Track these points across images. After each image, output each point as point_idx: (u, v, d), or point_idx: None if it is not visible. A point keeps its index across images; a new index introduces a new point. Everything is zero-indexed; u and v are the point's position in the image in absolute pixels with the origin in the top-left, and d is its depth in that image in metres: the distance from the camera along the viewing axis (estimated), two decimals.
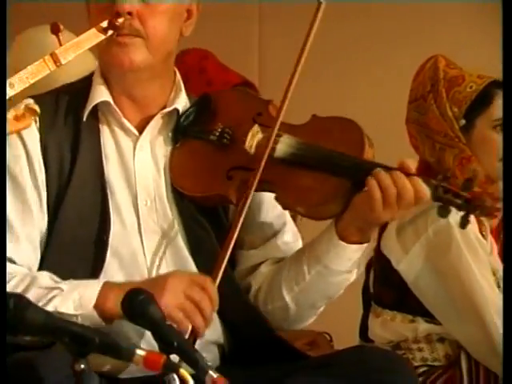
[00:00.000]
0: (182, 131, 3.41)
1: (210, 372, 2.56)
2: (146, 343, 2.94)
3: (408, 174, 3.13)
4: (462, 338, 3.91)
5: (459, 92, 3.97)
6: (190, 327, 3.13)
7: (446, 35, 6.61)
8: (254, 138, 3.35)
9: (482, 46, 6.29)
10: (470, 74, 4.01)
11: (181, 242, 3.35)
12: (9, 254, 3.26)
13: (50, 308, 3.04)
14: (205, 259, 3.33)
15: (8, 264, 3.24)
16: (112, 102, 3.33)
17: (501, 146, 3.88)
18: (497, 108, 3.94)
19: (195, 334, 3.12)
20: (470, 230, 3.52)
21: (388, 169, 3.15)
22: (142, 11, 3.24)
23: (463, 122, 3.92)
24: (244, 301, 3.40)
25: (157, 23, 3.29)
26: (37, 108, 2.93)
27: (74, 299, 3.16)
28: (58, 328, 2.52)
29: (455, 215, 3.20)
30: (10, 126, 2.86)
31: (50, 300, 3.12)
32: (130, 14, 3.20)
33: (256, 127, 3.34)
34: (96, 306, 3.12)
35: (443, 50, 4.77)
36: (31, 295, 3.06)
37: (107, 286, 3.17)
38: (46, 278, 3.21)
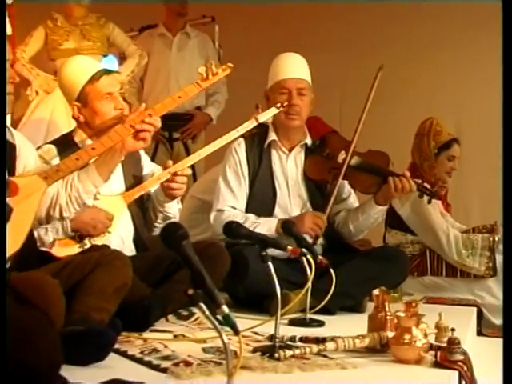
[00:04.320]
0: (310, 152, 3.70)
1: (319, 256, 3.04)
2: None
3: (407, 177, 3.52)
4: (427, 242, 4.25)
5: (438, 138, 4.28)
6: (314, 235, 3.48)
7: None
8: (340, 157, 3.64)
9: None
10: (445, 131, 4.32)
11: (305, 198, 3.66)
12: (233, 204, 3.56)
13: (255, 230, 3.24)
14: (316, 207, 3.63)
15: (232, 209, 3.56)
16: (277, 140, 3.65)
17: (447, 167, 4.28)
18: (452, 150, 4.30)
19: (316, 237, 3.49)
20: None
21: (398, 175, 3.54)
22: (300, 103, 3.56)
23: (436, 151, 4.28)
24: (332, 227, 3.68)
25: (305, 109, 3.61)
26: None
27: (265, 226, 3.45)
28: (252, 236, 2.86)
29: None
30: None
31: (256, 227, 3.40)
32: (296, 105, 3.55)
33: (343, 152, 3.64)
34: (275, 229, 3.44)
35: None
36: (247, 223, 3.36)
37: (279, 220, 3.48)
38: (252, 216, 3.52)
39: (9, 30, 3.75)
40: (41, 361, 1.56)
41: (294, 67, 3.61)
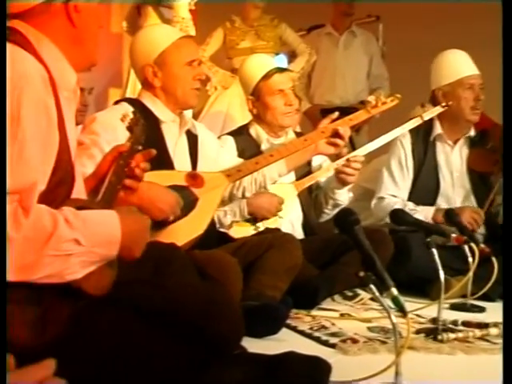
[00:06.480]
0: (473, 144, 3.58)
1: (481, 244, 2.81)
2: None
3: None
4: None
5: None
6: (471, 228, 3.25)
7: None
8: None
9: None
10: None
11: (469, 189, 3.51)
12: (393, 193, 3.49)
13: (414, 215, 3.11)
14: (479, 197, 3.49)
15: (393, 197, 3.48)
16: (442, 133, 3.54)
17: None
18: None
19: (473, 230, 3.28)
20: None
21: None
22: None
23: None
24: (496, 217, 3.50)
25: None
26: None
27: (422, 214, 3.34)
28: (417, 224, 2.85)
29: None
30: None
31: (413, 214, 3.17)
32: (481, 100, 3.44)
33: None
34: (431, 217, 3.35)
35: None
36: (407, 208, 3.28)
37: (436, 209, 3.38)
38: (411, 204, 3.44)
39: (192, 32, 3.89)
40: (227, 330, 1.58)
41: (471, 64, 3.53)
